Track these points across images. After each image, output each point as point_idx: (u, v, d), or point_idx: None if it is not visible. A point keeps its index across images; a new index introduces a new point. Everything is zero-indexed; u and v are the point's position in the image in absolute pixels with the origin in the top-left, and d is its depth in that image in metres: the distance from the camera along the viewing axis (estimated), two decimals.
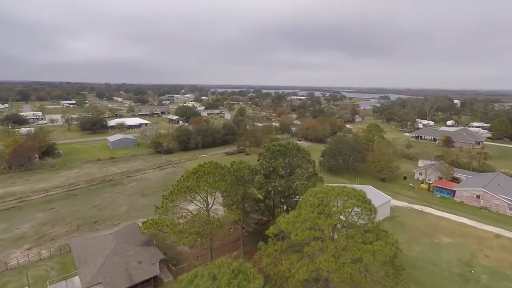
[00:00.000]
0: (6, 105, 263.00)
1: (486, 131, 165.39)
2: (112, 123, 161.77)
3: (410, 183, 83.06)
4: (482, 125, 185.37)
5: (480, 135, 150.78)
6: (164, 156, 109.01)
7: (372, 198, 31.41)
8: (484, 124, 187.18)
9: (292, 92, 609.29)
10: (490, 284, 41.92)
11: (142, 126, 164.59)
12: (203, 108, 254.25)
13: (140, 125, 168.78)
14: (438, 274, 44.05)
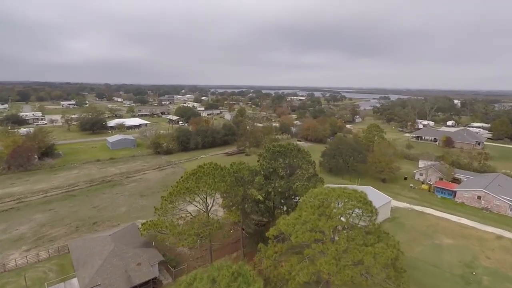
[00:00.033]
0: (6, 105, 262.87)
1: (487, 131, 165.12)
2: (111, 123, 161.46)
3: (410, 184, 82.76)
4: (482, 125, 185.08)
5: (481, 135, 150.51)
6: (163, 156, 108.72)
7: (372, 199, 31.10)
8: (484, 124, 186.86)
9: (292, 92, 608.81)
10: (491, 286, 41.62)
11: (142, 126, 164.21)
12: (203, 108, 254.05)
13: (139, 125, 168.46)
14: (439, 275, 43.75)
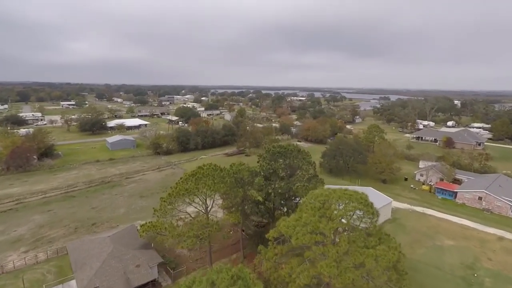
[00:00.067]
0: (6, 106, 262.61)
1: (487, 132, 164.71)
2: (111, 124, 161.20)
3: (411, 185, 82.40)
4: (482, 126, 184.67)
5: (481, 136, 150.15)
6: (163, 157, 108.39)
7: (373, 200, 30.77)
8: (484, 125, 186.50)
9: (292, 92, 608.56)
10: None
11: (142, 127, 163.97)
12: (203, 109, 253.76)
13: (139, 126, 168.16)
14: (440, 277, 43.40)
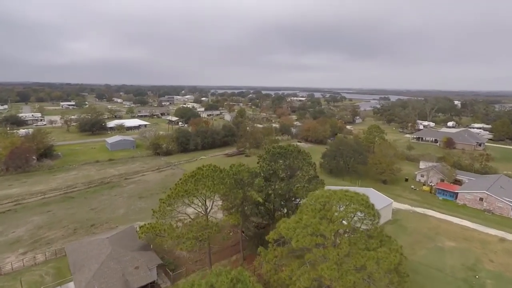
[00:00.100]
0: (6, 106, 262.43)
1: (487, 132, 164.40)
2: (111, 124, 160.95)
3: (411, 185, 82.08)
4: (483, 126, 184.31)
5: (481, 136, 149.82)
6: (163, 157, 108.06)
7: (373, 200, 30.45)
8: (485, 125, 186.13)
9: (292, 93, 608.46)
10: None
11: (141, 127, 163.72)
12: (203, 109, 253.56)
13: (139, 126, 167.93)
14: (442, 279, 43.05)
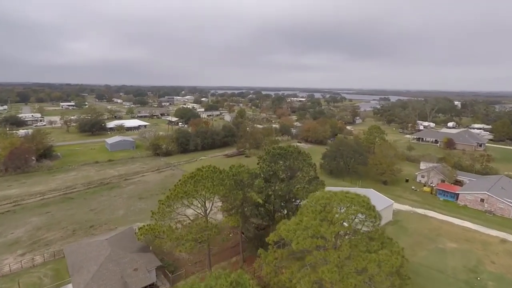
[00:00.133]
0: (5, 106, 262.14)
1: (488, 133, 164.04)
2: (111, 125, 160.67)
3: (412, 186, 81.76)
4: (483, 126, 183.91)
5: (482, 137, 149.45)
6: (163, 158, 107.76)
7: (374, 201, 30.16)
8: (485, 125, 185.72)
9: (292, 93, 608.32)
10: None
11: (141, 128, 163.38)
12: (203, 109, 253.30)
13: (139, 127, 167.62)
14: (443, 281, 42.74)
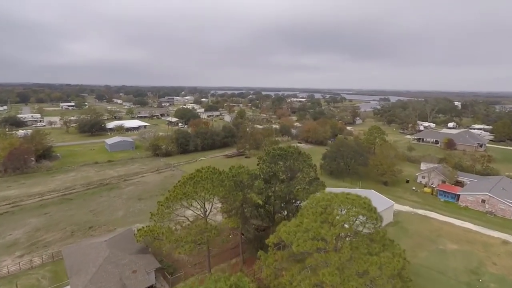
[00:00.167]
0: (5, 107, 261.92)
1: (488, 133, 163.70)
2: (111, 125, 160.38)
3: (413, 187, 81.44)
4: (483, 127, 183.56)
5: (482, 137, 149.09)
6: (162, 159, 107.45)
7: (375, 202, 29.87)
8: (485, 126, 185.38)
9: (292, 94, 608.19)
10: None
11: (141, 128, 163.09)
12: (202, 110, 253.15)
13: (139, 127, 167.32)
14: (444, 282, 42.42)
